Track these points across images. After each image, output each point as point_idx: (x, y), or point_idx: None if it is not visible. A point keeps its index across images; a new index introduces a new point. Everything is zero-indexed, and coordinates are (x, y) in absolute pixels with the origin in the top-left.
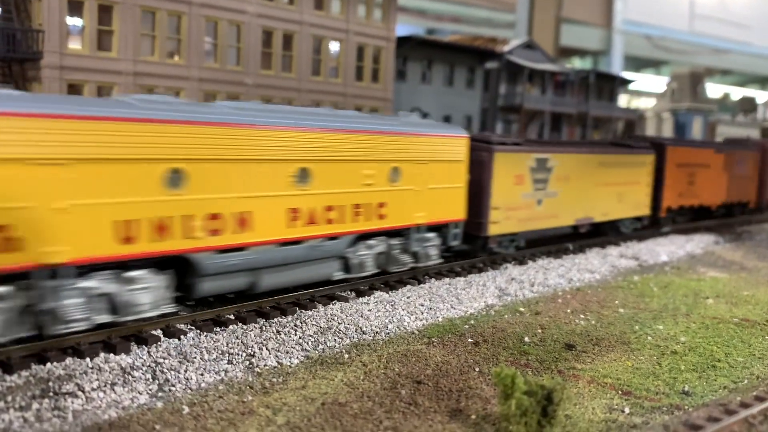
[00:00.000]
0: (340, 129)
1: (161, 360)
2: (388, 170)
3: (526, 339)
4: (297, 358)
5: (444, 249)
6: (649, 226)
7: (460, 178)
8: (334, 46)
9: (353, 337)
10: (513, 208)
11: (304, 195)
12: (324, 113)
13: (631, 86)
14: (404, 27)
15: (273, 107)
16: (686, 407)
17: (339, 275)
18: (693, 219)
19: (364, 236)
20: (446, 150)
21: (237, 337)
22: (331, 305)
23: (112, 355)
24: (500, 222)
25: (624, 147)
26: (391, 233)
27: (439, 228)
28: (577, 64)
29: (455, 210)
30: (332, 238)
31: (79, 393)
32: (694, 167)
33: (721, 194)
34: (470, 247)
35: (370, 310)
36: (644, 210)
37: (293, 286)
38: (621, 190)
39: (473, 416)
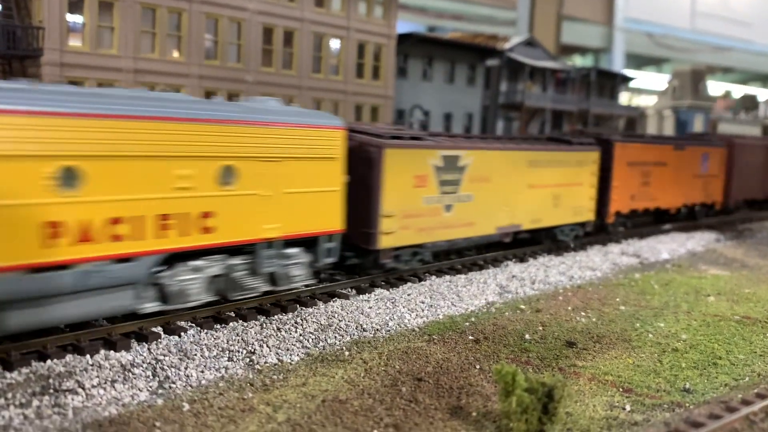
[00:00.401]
0: (131, 115)
1: (161, 357)
2: (216, 170)
3: (527, 336)
4: (297, 355)
5: (329, 265)
6: (593, 233)
7: (333, 179)
8: (334, 44)
9: (354, 335)
10: (413, 216)
11: (71, 203)
12: (120, 95)
13: (632, 84)
14: (405, 24)
15: (29, 86)
16: (687, 405)
17: (150, 307)
18: (650, 223)
19: (186, 255)
20: (312, 144)
21: (237, 334)
22: (331, 302)
23: (112, 352)
24: (395, 232)
25: (562, 143)
26: (232, 251)
27: (308, 242)
28: (578, 61)
29: (328, 219)
30: (125, 259)
31: (80, 390)
32: (650, 166)
33: (681, 195)
34: (362, 261)
35: (370, 308)
36: (587, 215)
37: (66, 323)
38: (557, 192)
39: (474, 413)
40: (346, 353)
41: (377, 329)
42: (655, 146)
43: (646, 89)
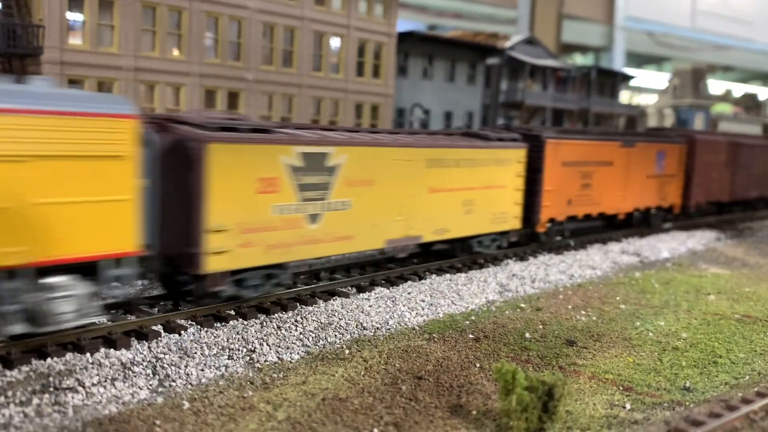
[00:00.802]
0: None
1: (162, 355)
2: None
3: (527, 335)
4: (297, 353)
5: (130, 296)
6: (522, 243)
7: (121, 185)
8: (335, 42)
9: (354, 333)
10: (258, 229)
11: None
12: None
13: (632, 82)
14: (405, 23)
15: None
16: (687, 403)
17: None
18: (598, 230)
19: None
20: (81, 139)
21: (237, 333)
22: (331, 301)
23: (112, 350)
24: (231, 251)
25: (476, 139)
26: None
27: (87, 269)
28: (579, 60)
29: (113, 239)
30: None
31: (80, 388)
32: (591, 166)
33: (631, 199)
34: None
35: (370, 306)
36: (512, 223)
37: None
38: (470, 197)
39: (474, 412)
40: (347, 351)
41: (377, 328)
42: (598, 143)
43: (647, 88)
